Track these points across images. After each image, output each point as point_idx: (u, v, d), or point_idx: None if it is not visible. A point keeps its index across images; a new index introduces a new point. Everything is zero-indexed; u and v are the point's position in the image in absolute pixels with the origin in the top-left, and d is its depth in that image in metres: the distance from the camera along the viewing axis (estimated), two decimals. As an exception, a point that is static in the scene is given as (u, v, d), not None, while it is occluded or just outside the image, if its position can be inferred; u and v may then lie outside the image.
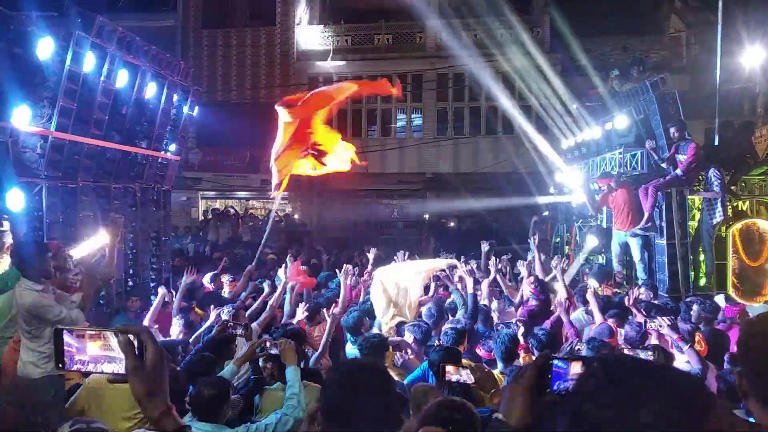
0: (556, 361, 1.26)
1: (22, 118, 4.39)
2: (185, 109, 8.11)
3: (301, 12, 19.06)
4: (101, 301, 5.96)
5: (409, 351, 4.83)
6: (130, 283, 6.73)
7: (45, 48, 4.50)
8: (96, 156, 6.09)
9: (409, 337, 4.99)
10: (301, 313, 5.82)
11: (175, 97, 7.63)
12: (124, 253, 6.49)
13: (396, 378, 4.20)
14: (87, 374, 3.46)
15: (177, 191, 20.01)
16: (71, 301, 4.06)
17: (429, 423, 2.11)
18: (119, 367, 1.34)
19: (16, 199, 4.38)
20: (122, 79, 6.02)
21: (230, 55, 19.39)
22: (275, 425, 2.97)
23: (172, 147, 8.18)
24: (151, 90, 6.77)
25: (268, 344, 3.50)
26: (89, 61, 5.34)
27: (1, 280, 4.34)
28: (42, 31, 4.44)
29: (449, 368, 3.12)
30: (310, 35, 18.78)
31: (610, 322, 5.57)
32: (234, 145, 18.36)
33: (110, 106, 6.04)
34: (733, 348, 4.86)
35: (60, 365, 1.38)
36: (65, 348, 1.38)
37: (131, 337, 1.33)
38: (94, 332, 1.38)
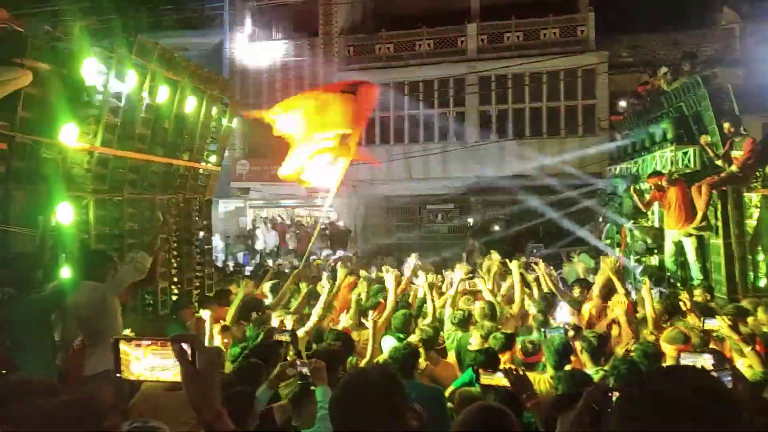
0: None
1: (70, 135, 4.62)
2: (224, 122, 8.32)
3: (343, 21, 19.30)
4: (149, 308, 6.18)
5: None
6: (175, 291, 6.92)
7: (90, 67, 4.73)
8: (140, 169, 6.32)
9: None
10: (346, 319, 5.86)
11: (215, 110, 7.83)
12: (168, 263, 6.70)
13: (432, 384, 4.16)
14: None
15: (226, 201, 20.61)
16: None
17: (464, 430, 2.07)
18: (174, 375, 1.41)
19: (66, 213, 4.63)
20: (163, 94, 6.23)
21: (276, 67, 19.80)
22: None
23: (213, 158, 8.39)
24: (190, 104, 6.98)
25: (298, 363, 3.48)
26: (131, 79, 5.56)
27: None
28: (87, 51, 4.66)
29: (483, 372, 3.08)
30: (353, 43, 18.97)
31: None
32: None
33: (152, 121, 6.26)
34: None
35: (118, 374, 1.47)
36: (122, 356, 1.46)
37: (185, 345, 1.39)
38: (150, 341, 1.46)
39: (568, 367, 4.15)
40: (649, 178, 9.57)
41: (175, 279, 7.00)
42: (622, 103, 13.18)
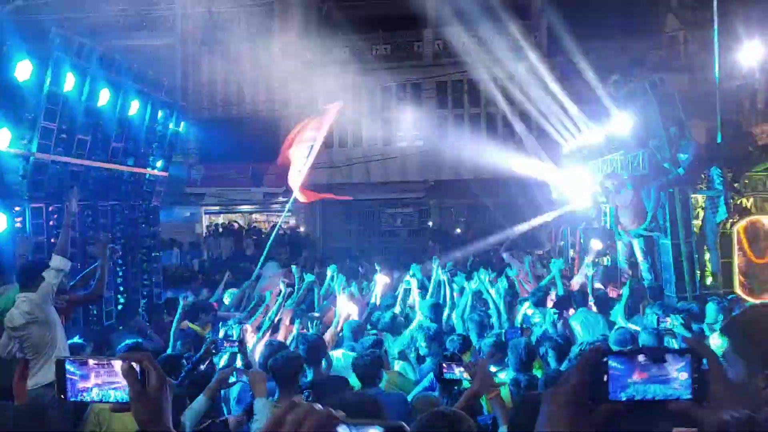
0: (611, 360, 0.96)
1: (3, 139, 4.40)
2: (171, 126, 8.16)
3: (299, 25, 19.17)
4: (92, 318, 5.96)
5: None
6: (121, 300, 6.70)
7: (23, 70, 4.51)
8: (80, 175, 6.10)
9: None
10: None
11: (160, 114, 7.66)
12: (114, 271, 6.49)
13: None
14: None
15: (180, 207, 20.15)
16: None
17: None
18: (123, 395, 1.36)
19: (0, 221, 4.41)
20: (104, 98, 6.04)
21: (230, 70, 19.50)
22: None
23: (159, 163, 8.23)
24: (134, 108, 6.80)
25: (237, 374, 3.39)
26: (69, 82, 5.36)
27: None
28: (20, 53, 4.45)
29: (445, 364, 3.06)
30: (310, 47, 18.84)
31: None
32: (236, 160, 18.42)
33: (93, 125, 6.05)
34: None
35: (62, 396, 1.38)
36: (68, 377, 1.38)
37: (134, 364, 1.34)
38: (97, 361, 1.39)
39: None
40: (605, 181, 9.78)
41: (121, 288, 6.78)
42: (575, 109, 13.46)
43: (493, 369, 4.21)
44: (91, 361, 1.40)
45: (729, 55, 11.02)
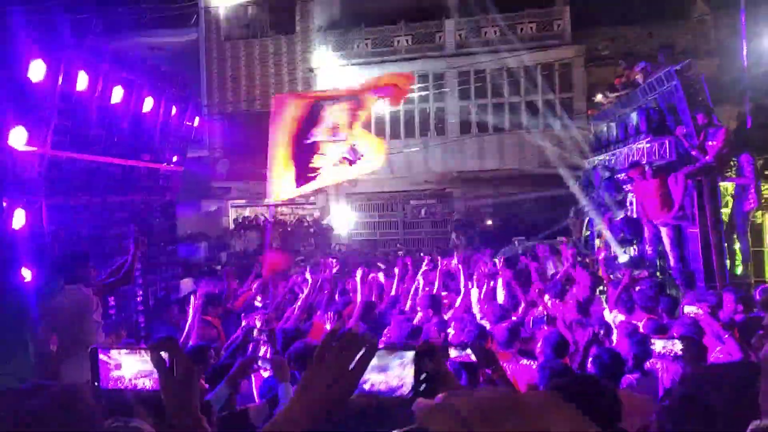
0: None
1: (19, 138, 4.52)
2: (186, 121, 8.29)
3: (320, 19, 19.18)
4: (111, 312, 6.10)
5: None
6: (140, 293, 6.83)
7: (37, 70, 4.62)
8: (95, 172, 6.24)
9: None
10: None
11: (174, 109, 7.76)
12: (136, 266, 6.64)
13: None
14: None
15: (206, 201, 20.43)
16: None
17: None
18: (154, 384, 1.42)
19: (18, 218, 4.54)
20: (117, 95, 6.14)
21: (253, 65, 19.64)
22: None
23: (175, 158, 8.37)
24: (148, 104, 6.90)
25: (260, 363, 3.41)
26: (82, 80, 5.46)
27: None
28: (33, 53, 4.56)
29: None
30: (330, 41, 18.86)
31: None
32: (261, 154, 18.55)
33: (107, 122, 6.17)
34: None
35: (96, 383, 1.46)
36: (101, 366, 1.46)
37: (162, 353, 1.40)
38: (129, 350, 1.47)
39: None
40: (630, 170, 9.59)
41: (139, 281, 6.92)
42: (599, 96, 13.22)
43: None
44: (123, 351, 1.47)
45: (758, 39, 10.66)
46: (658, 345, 3.99)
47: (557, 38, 16.55)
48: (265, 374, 3.77)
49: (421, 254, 10.13)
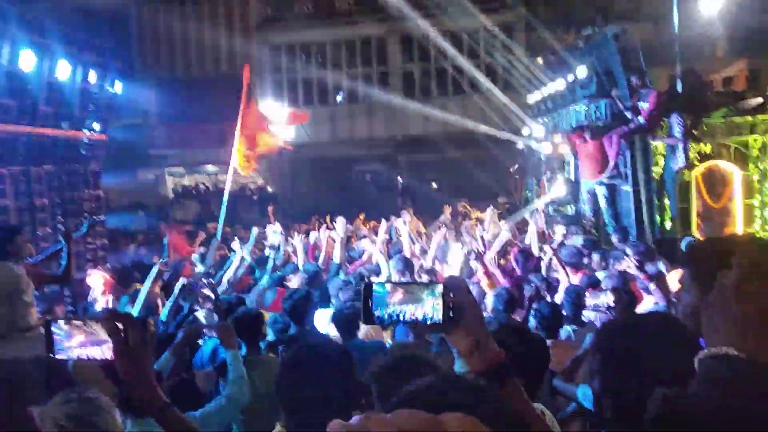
0: (375, 286, 1.21)
1: None
2: (107, 88, 7.99)
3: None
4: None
5: None
6: (63, 263, 6.61)
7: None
8: (9, 142, 5.97)
9: None
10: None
11: (93, 76, 7.47)
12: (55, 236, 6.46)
13: None
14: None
15: (143, 169, 19.73)
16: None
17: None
18: (106, 352, 1.43)
19: None
20: (27, 60, 5.85)
21: (189, 29, 18.86)
22: (216, 413, 2.83)
23: (97, 126, 8.10)
24: (63, 70, 6.61)
25: (206, 330, 3.39)
26: None
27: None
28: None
29: None
30: (270, 2, 18.31)
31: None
32: (199, 121, 18.01)
33: (16, 89, 5.89)
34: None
35: (50, 353, 1.46)
36: (54, 336, 1.46)
37: (117, 322, 1.42)
38: (79, 322, 1.47)
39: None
40: (573, 135, 9.87)
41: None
42: (539, 60, 13.50)
43: None
44: (75, 322, 1.47)
45: (691, 3, 11.11)
46: (590, 298, 4.25)
47: (499, 2, 16.66)
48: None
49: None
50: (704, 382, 0.97)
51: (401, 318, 1.19)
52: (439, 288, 1.17)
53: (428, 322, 1.18)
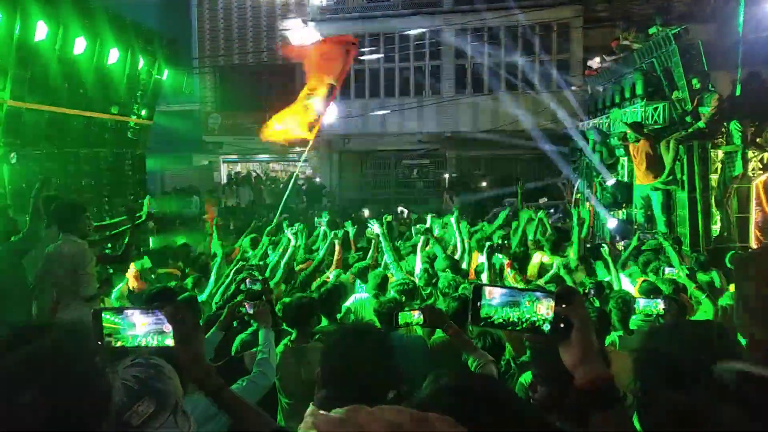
0: (484, 289, 1.27)
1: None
2: (154, 74, 8.24)
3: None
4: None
5: None
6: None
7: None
8: (58, 123, 6.22)
9: None
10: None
11: (142, 62, 7.71)
12: (100, 217, 6.74)
13: None
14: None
15: (198, 155, 20.32)
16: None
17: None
18: (160, 341, 1.49)
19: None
20: (79, 46, 6.07)
21: (245, 17, 19.24)
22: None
23: (144, 112, 8.35)
24: (113, 56, 6.86)
25: (246, 306, 3.46)
26: (41, 30, 5.38)
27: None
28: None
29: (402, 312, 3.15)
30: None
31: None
32: (253, 109, 18.40)
33: (68, 73, 6.13)
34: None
35: (99, 343, 1.50)
36: (111, 327, 1.51)
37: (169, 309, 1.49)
38: (139, 310, 1.53)
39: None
40: (631, 128, 9.58)
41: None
42: (596, 59, 13.15)
43: None
44: (127, 311, 1.53)
45: (756, 6, 10.60)
46: (641, 305, 4.16)
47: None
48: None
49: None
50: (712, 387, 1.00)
51: (508, 322, 1.22)
52: (548, 299, 1.19)
53: (535, 331, 1.20)
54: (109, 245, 5.47)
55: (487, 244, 5.42)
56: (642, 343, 1.50)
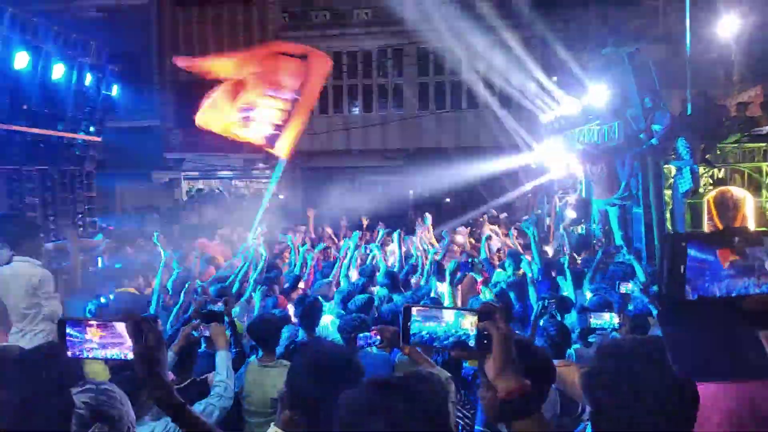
0: (413, 309, 1.32)
1: None
2: (102, 90, 8.16)
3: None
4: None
5: None
6: (54, 265, 6.66)
7: None
8: (2, 140, 6.08)
9: None
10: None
11: (89, 78, 7.60)
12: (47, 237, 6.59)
13: None
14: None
15: (158, 172, 19.92)
16: None
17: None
18: (121, 353, 1.47)
19: None
20: (21, 61, 5.96)
21: (206, 33, 19.08)
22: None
23: (92, 128, 8.27)
24: (58, 71, 6.74)
25: (202, 328, 3.39)
26: None
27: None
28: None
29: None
30: (288, 10, 18.50)
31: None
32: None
33: (10, 89, 5.99)
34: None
35: (63, 352, 1.49)
36: (68, 338, 1.48)
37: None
38: (98, 322, 1.50)
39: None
40: (585, 154, 9.86)
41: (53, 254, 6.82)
42: (554, 78, 13.52)
43: None
44: (90, 323, 1.50)
45: (706, 26, 11.10)
46: (596, 319, 4.24)
47: (515, 18, 16.68)
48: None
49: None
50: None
51: (437, 340, 1.27)
52: (472, 316, 1.24)
53: (462, 345, 1.25)
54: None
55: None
56: (590, 361, 1.56)
